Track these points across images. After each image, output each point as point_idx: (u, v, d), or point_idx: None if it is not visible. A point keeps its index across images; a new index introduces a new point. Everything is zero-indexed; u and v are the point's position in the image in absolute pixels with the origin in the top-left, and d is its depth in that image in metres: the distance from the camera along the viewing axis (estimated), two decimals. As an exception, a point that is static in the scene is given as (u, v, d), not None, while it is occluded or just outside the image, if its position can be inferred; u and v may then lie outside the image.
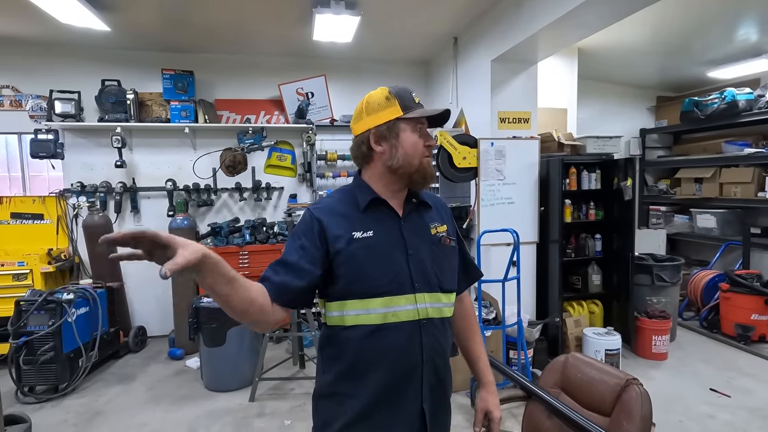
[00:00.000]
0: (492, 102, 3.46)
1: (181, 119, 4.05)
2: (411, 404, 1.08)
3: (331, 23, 3.36)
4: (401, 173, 1.11)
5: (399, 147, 1.10)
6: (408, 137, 1.10)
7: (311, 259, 1.04)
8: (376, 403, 1.06)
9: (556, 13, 2.63)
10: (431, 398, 1.09)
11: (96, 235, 3.81)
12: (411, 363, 1.07)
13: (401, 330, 1.06)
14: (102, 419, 2.88)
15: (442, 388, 1.15)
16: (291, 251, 1.06)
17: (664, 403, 2.93)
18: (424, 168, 1.12)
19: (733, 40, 4.13)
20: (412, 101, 1.12)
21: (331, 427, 1.08)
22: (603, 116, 5.46)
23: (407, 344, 1.06)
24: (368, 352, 1.05)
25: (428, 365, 1.08)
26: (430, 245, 1.13)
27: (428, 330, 1.08)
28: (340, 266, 1.05)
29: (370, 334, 1.05)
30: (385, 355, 1.05)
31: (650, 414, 1.58)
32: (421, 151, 1.12)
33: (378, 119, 1.11)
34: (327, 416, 1.10)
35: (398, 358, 1.06)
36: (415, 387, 1.07)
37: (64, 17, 3.13)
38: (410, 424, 1.08)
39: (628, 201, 3.56)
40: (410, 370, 1.07)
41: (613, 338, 3.25)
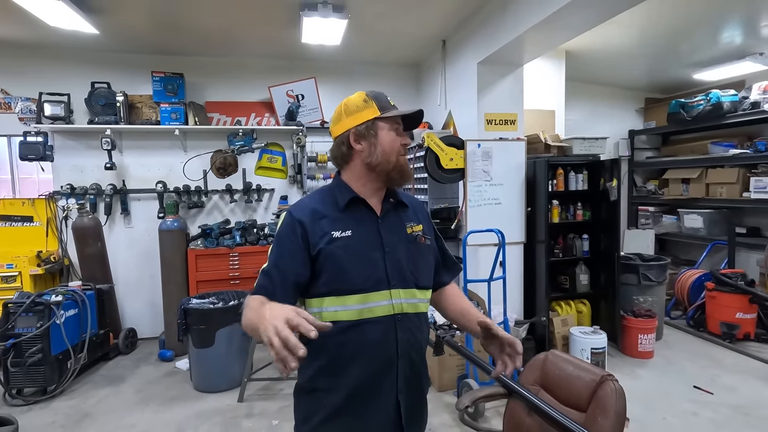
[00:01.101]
0: (479, 104, 3.50)
1: (171, 121, 4.06)
2: (387, 396, 1.11)
3: (319, 26, 3.39)
4: (380, 170, 1.14)
5: (377, 145, 1.14)
6: (385, 135, 1.15)
7: (301, 260, 1.08)
8: (354, 396, 1.09)
9: (541, 15, 2.66)
10: (407, 391, 1.13)
11: (86, 237, 3.83)
12: (387, 357, 1.10)
13: (377, 325, 1.09)
14: (90, 421, 2.88)
15: (418, 382, 1.19)
16: (282, 255, 1.09)
17: (648, 401, 2.97)
18: (401, 165, 1.16)
19: (718, 42, 4.19)
20: (387, 103, 1.18)
21: (312, 421, 1.12)
22: (593, 118, 5.51)
23: (383, 339, 1.09)
24: (346, 347, 1.08)
25: (404, 359, 1.11)
26: (407, 243, 1.17)
27: (403, 325, 1.11)
28: (320, 265, 1.09)
29: (347, 330, 1.08)
30: (361, 350, 1.08)
31: (624, 409, 1.61)
32: (398, 149, 1.16)
33: (356, 120, 1.15)
34: (307, 411, 1.14)
35: (374, 353, 1.09)
36: (391, 380, 1.11)
37: (52, 20, 3.14)
38: (386, 416, 1.11)
39: (614, 201, 3.61)
40: (386, 364, 1.10)
41: (599, 337, 3.29)
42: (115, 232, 4.25)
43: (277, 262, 1.09)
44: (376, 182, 1.17)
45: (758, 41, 4.11)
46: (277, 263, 1.09)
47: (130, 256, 4.30)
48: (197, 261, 4.00)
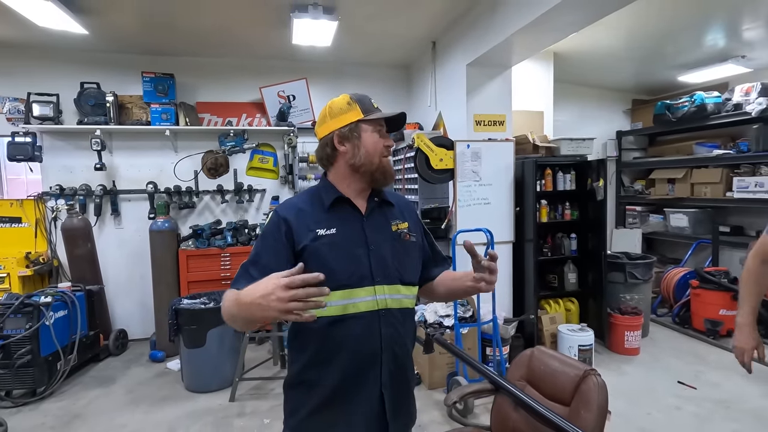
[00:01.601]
0: (468, 105, 3.54)
1: (162, 122, 4.06)
2: (371, 389, 1.14)
3: (309, 27, 3.41)
4: (363, 171, 1.18)
5: (361, 146, 1.17)
6: (369, 137, 1.18)
7: (280, 256, 1.10)
8: (339, 389, 1.12)
9: (529, 17, 2.70)
10: (391, 384, 1.15)
11: (75, 238, 3.81)
12: (370, 350, 1.13)
13: (361, 320, 1.12)
14: (80, 422, 2.87)
15: (403, 376, 1.21)
16: (261, 251, 1.13)
17: (634, 396, 3.03)
18: (383, 166, 1.19)
19: (702, 45, 4.28)
20: (371, 106, 1.20)
21: (299, 414, 1.15)
22: (581, 119, 5.60)
23: (367, 333, 1.12)
24: (330, 341, 1.11)
25: (387, 353, 1.14)
26: (392, 241, 1.20)
27: (387, 320, 1.14)
28: (305, 261, 1.10)
29: (332, 324, 1.11)
30: (345, 344, 1.11)
31: (606, 402, 1.66)
32: (381, 150, 1.19)
33: (341, 122, 1.18)
34: (295, 404, 1.17)
35: (358, 346, 1.12)
36: (375, 373, 1.13)
37: (40, 20, 3.13)
38: (371, 408, 1.14)
39: (601, 201, 3.67)
40: (370, 357, 1.13)
41: (586, 334, 3.35)
42: (105, 233, 4.23)
43: (258, 257, 1.12)
44: (360, 183, 1.20)
45: (740, 44, 4.21)
46: (257, 258, 1.11)
47: (120, 256, 4.29)
48: (188, 261, 4.00)
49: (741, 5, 3.45)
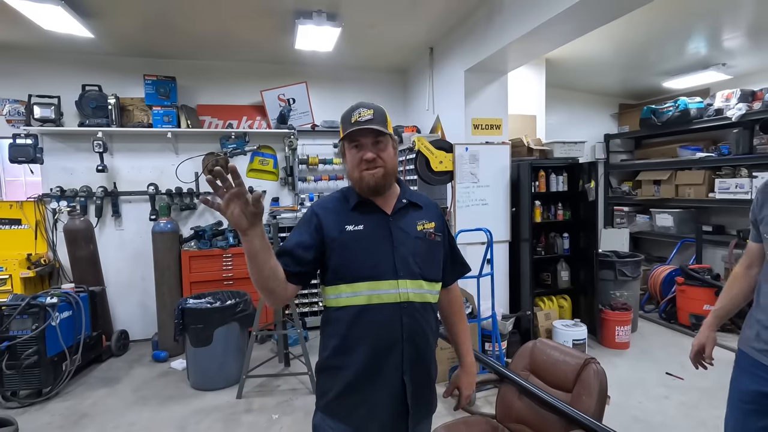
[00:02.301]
0: (466, 109, 3.67)
1: (164, 124, 4.10)
2: (392, 376, 1.23)
3: (313, 34, 3.50)
4: (353, 183, 1.29)
5: (346, 162, 1.30)
6: (348, 154, 1.28)
7: (309, 245, 1.22)
8: (363, 374, 1.22)
9: (524, 28, 2.84)
10: (411, 372, 1.25)
11: (77, 239, 3.83)
12: (392, 339, 1.22)
13: (384, 310, 1.22)
14: (89, 420, 2.91)
15: (424, 365, 1.30)
16: (291, 240, 1.25)
17: (626, 387, 3.19)
18: (361, 179, 1.24)
19: (685, 53, 4.49)
20: (348, 122, 1.23)
21: (327, 396, 1.26)
22: (571, 122, 5.79)
23: (389, 322, 1.22)
24: (356, 328, 1.22)
25: (408, 342, 1.24)
26: (416, 239, 1.30)
27: (408, 312, 1.24)
28: (333, 253, 1.23)
29: (358, 313, 1.21)
30: (369, 331, 1.21)
31: (605, 387, 1.79)
32: (357, 164, 1.24)
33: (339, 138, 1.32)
34: (325, 387, 1.28)
35: (380, 334, 1.22)
36: (395, 360, 1.23)
37: (47, 24, 3.16)
38: (392, 394, 1.24)
39: (592, 202, 3.84)
40: (391, 345, 1.23)
41: (580, 329, 3.50)
42: (106, 234, 4.25)
43: (288, 241, 1.25)
44: (361, 192, 1.28)
45: (721, 53, 4.43)
46: (287, 242, 1.25)
47: (121, 258, 4.31)
48: (191, 262, 4.05)
49: (721, 17, 3.65)
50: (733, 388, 1.62)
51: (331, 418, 1.25)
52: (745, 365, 1.55)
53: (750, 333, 1.55)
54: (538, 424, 1.89)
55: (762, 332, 1.47)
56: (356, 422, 1.23)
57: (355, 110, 1.24)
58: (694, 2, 3.32)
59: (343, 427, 1.24)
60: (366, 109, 1.23)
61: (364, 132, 1.22)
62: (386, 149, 1.25)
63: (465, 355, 1.49)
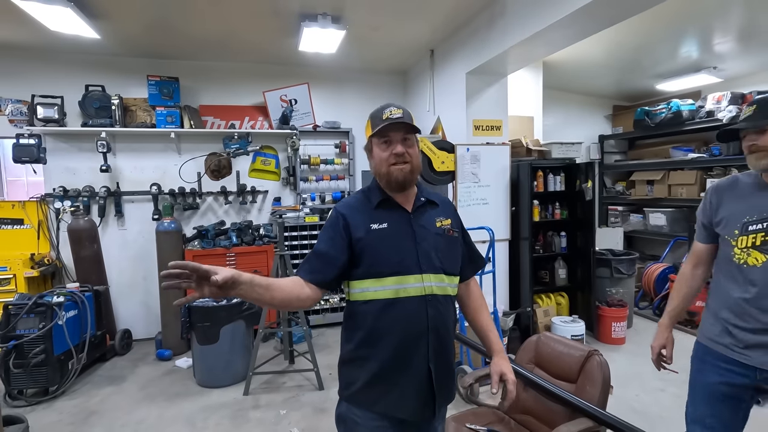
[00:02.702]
0: (467, 110, 3.75)
1: (167, 125, 4.13)
2: (420, 364, 1.30)
3: (317, 36, 3.56)
4: (379, 178, 1.35)
5: (373, 159, 1.36)
6: (376, 152, 1.34)
7: (339, 247, 1.28)
8: (391, 363, 1.28)
9: (526, 33, 2.92)
10: (436, 360, 1.31)
11: (81, 239, 3.84)
12: (418, 330, 1.29)
13: (410, 303, 1.28)
14: (97, 417, 2.94)
15: (446, 354, 1.37)
16: (322, 243, 1.30)
17: (623, 381, 3.28)
18: (389, 174, 1.31)
19: (677, 56, 4.62)
20: (379, 119, 1.30)
21: (354, 386, 1.31)
22: (567, 123, 5.90)
23: (415, 315, 1.28)
24: (383, 321, 1.28)
25: (432, 333, 1.30)
26: (435, 236, 1.36)
27: (433, 304, 1.31)
28: (361, 251, 1.29)
29: (385, 307, 1.27)
30: (397, 323, 1.27)
31: (608, 378, 1.88)
32: (386, 160, 1.30)
33: (366, 136, 1.38)
34: (350, 377, 1.33)
35: (408, 326, 1.28)
36: (422, 350, 1.30)
37: (53, 25, 3.18)
38: (419, 381, 1.30)
39: (589, 201, 3.94)
40: (418, 336, 1.29)
41: (578, 325, 3.60)
42: (108, 234, 4.26)
43: (318, 247, 1.31)
44: (388, 187, 1.35)
45: (712, 56, 4.56)
46: (318, 248, 1.31)
47: (124, 258, 4.33)
48: (194, 261, 4.07)
49: (712, 22, 3.77)
50: (698, 382, 1.70)
51: (357, 407, 1.31)
52: (710, 359, 1.63)
53: (713, 329, 1.63)
54: (544, 415, 1.97)
55: (728, 329, 1.55)
56: (384, 409, 1.29)
57: (385, 108, 1.31)
58: (686, 7, 3.42)
59: (370, 415, 1.29)
60: (396, 108, 1.31)
61: (394, 127, 1.28)
62: (413, 146, 1.32)
63: (496, 342, 1.48)
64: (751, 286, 1.48)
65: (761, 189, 1.50)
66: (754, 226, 1.48)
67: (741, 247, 1.51)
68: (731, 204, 1.57)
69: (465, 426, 2.00)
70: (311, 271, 1.28)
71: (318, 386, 3.26)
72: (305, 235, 4.49)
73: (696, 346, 1.75)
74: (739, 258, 1.52)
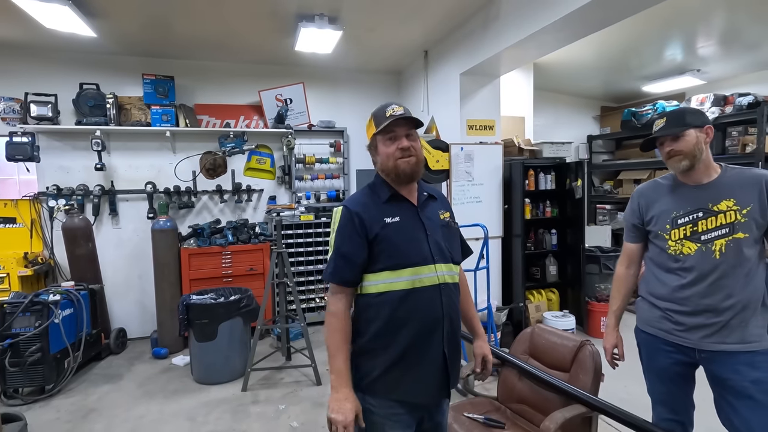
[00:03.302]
0: (461, 110, 3.83)
1: (163, 123, 4.13)
2: (436, 349, 1.36)
3: (314, 36, 3.60)
4: (386, 174, 1.41)
5: (379, 156, 1.41)
6: (381, 147, 1.40)
7: (360, 246, 1.32)
8: (410, 351, 1.33)
9: (519, 35, 3.00)
10: (449, 345, 1.38)
11: (76, 237, 3.83)
12: (435, 317, 1.35)
13: (426, 293, 1.34)
14: (96, 415, 2.95)
15: (457, 338, 1.45)
16: (341, 243, 1.33)
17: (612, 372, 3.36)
18: (397, 167, 1.37)
19: (663, 59, 4.77)
20: (383, 117, 1.37)
21: (371, 376, 1.35)
22: (556, 123, 6.03)
23: (432, 303, 1.35)
24: (402, 311, 1.32)
25: (446, 319, 1.37)
26: (441, 227, 1.44)
27: (445, 292, 1.38)
28: (378, 245, 1.33)
29: (403, 297, 1.32)
30: (416, 313, 1.33)
31: (600, 366, 1.97)
32: (393, 155, 1.36)
33: (369, 135, 1.44)
34: (366, 368, 1.36)
35: (425, 314, 1.34)
36: (438, 335, 1.36)
37: (50, 23, 3.17)
38: (436, 365, 1.37)
39: (578, 199, 4.05)
40: (434, 323, 1.35)
41: (568, 320, 3.70)
42: (103, 233, 4.25)
43: (339, 248, 1.34)
44: (394, 182, 1.41)
45: (696, 59, 4.72)
46: (340, 250, 1.33)
47: (118, 256, 4.32)
48: (190, 260, 4.10)
49: (696, 26, 3.91)
50: (649, 368, 1.91)
51: (373, 396, 1.35)
52: (656, 344, 1.80)
53: (651, 315, 1.81)
54: (539, 403, 2.05)
55: (667, 315, 1.71)
56: (402, 395, 1.35)
57: (387, 107, 1.38)
58: (672, 12, 3.55)
59: (386, 402, 1.34)
60: (397, 105, 1.38)
61: (399, 123, 1.35)
62: (416, 140, 1.39)
63: (478, 326, 1.63)
64: (688, 273, 1.63)
65: (680, 187, 1.70)
66: (682, 219, 1.66)
67: (675, 239, 1.67)
68: (658, 203, 1.74)
69: (463, 415, 2.08)
70: (343, 276, 1.32)
71: (315, 381, 3.31)
72: (300, 234, 4.53)
73: (638, 335, 1.95)
74: (675, 249, 1.68)
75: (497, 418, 2.06)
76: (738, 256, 1.55)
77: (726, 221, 1.57)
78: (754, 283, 1.56)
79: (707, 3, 3.40)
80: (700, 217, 1.62)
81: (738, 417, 1.57)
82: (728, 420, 1.62)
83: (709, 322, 1.59)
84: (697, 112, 1.68)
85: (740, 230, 1.55)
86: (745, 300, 1.55)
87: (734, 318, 1.56)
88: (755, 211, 1.54)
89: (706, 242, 1.60)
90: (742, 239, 1.55)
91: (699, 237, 1.61)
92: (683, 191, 1.69)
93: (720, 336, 1.58)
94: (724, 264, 1.56)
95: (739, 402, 1.56)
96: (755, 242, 1.57)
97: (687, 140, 1.62)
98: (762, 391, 1.52)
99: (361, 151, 5.01)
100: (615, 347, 1.99)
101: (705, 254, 1.59)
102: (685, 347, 1.68)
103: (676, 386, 1.78)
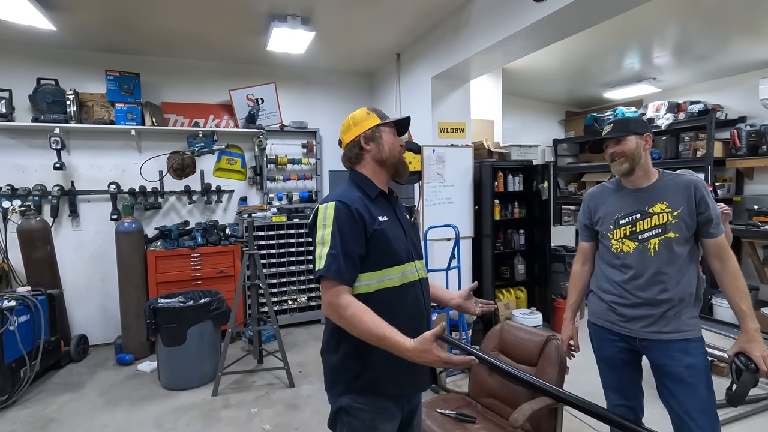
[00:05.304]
0: (433, 113, 3.90)
1: (128, 122, 4.00)
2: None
3: (286, 36, 3.58)
4: (389, 164, 1.44)
5: (383, 144, 1.43)
6: (388, 136, 1.45)
7: (360, 243, 1.30)
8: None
9: (488, 41, 3.10)
10: None
11: (33, 240, 3.65)
12: (420, 310, 1.40)
13: (413, 288, 1.39)
14: (56, 425, 2.82)
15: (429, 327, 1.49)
16: (344, 239, 1.27)
17: (578, 367, 3.51)
18: (402, 159, 1.47)
19: (622, 67, 5.01)
20: (384, 114, 1.49)
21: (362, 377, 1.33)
22: (524, 127, 6.23)
23: (417, 297, 1.40)
24: (393, 305, 1.33)
25: (427, 310, 1.44)
26: (409, 225, 1.49)
27: (424, 286, 1.44)
28: (373, 243, 1.32)
29: (394, 294, 1.34)
30: (406, 308, 1.36)
31: (565, 360, 2.06)
32: (398, 147, 1.47)
33: (363, 127, 1.44)
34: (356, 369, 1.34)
35: (414, 308, 1.39)
36: (425, 328, 1.39)
37: (4, 14, 3.01)
38: None
39: (545, 200, 4.20)
40: (420, 315, 1.40)
41: (536, 317, 3.84)
42: (62, 236, 4.06)
43: (346, 246, 1.27)
44: (385, 175, 1.45)
45: (652, 68, 4.99)
46: (344, 247, 1.27)
47: (79, 260, 4.13)
48: (157, 262, 3.98)
49: (652, 37, 4.14)
50: (600, 357, 2.05)
51: (363, 395, 1.33)
52: (604, 335, 1.96)
53: (599, 308, 1.96)
54: (508, 397, 2.13)
55: (612, 307, 1.86)
56: (398, 389, 1.37)
57: (379, 109, 1.50)
58: (630, 24, 3.75)
59: (377, 399, 1.34)
60: None
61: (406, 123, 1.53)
62: None
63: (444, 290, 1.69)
64: (628, 269, 1.78)
65: (622, 190, 1.85)
66: (623, 220, 1.80)
67: (617, 238, 1.82)
68: (604, 206, 1.89)
69: (436, 411, 2.13)
70: (351, 276, 1.27)
71: (288, 384, 3.28)
72: (273, 235, 4.48)
73: (589, 327, 2.09)
74: (617, 248, 1.82)
75: (468, 413, 2.12)
76: (670, 254, 1.69)
77: (659, 222, 1.72)
78: (687, 278, 1.71)
79: (661, 17, 3.61)
80: (638, 218, 1.76)
81: (675, 399, 1.71)
82: (667, 402, 1.76)
83: (647, 314, 1.74)
84: (640, 122, 1.82)
85: (671, 230, 1.69)
86: (679, 293, 1.69)
87: (670, 310, 1.70)
88: (684, 213, 1.68)
89: (643, 241, 1.74)
90: (673, 238, 1.69)
91: (637, 236, 1.76)
92: (625, 194, 1.83)
93: (657, 326, 1.72)
94: (658, 261, 1.71)
95: (675, 386, 1.71)
96: (686, 241, 1.70)
97: (628, 144, 1.75)
98: (694, 375, 1.67)
99: (333, 152, 5.01)
100: (571, 339, 2.12)
101: (642, 252, 1.74)
102: (627, 336, 1.83)
103: (624, 373, 1.93)
